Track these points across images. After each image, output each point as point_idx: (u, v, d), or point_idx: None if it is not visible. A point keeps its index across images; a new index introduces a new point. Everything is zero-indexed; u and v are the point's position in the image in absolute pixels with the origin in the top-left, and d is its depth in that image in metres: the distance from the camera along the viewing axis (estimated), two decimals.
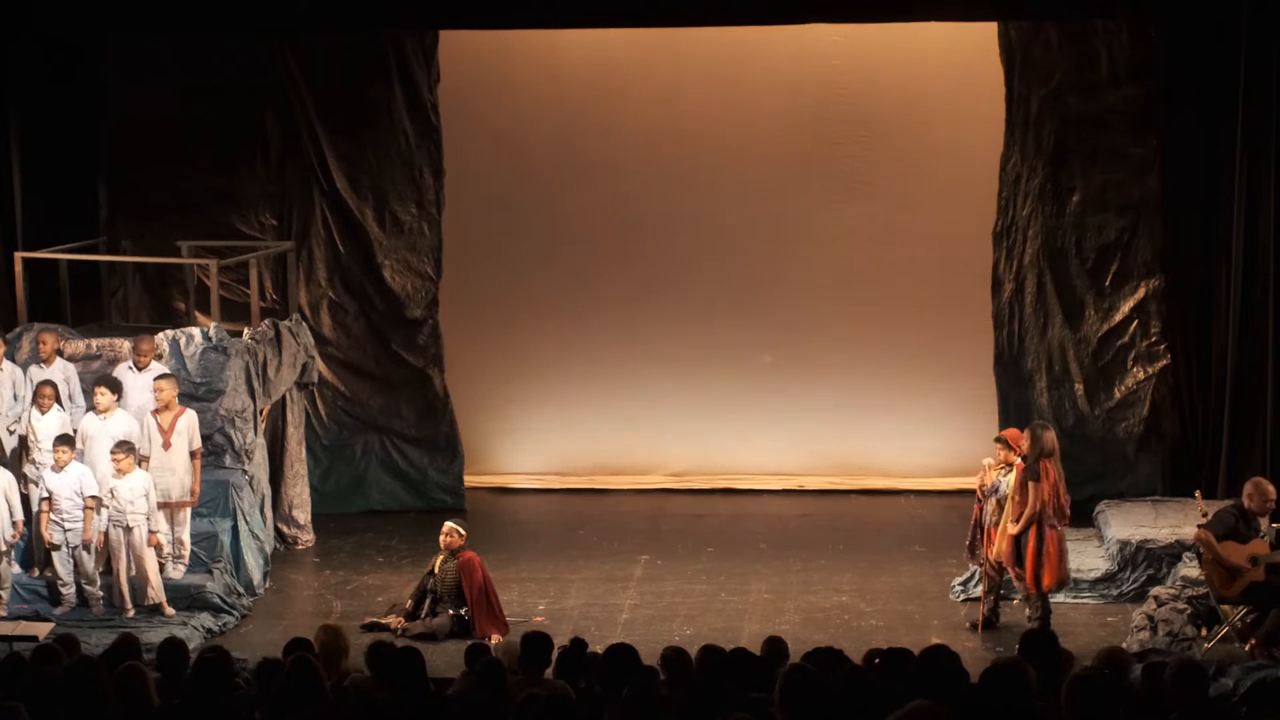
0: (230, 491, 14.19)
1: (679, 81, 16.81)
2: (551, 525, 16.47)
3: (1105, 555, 14.38)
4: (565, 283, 17.19)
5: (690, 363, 17.15)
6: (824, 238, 16.90)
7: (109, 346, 14.62)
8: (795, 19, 15.82)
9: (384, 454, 16.86)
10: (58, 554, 13.41)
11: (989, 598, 13.24)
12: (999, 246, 16.20)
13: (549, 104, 16.93)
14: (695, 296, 17.09)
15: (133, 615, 13.33)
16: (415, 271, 16.72)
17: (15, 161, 15.83)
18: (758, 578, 14.62)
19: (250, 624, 13.74)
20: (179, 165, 16.49)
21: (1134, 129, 15.82)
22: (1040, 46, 15.84)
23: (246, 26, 15.87)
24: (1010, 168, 16.06)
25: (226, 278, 15.87)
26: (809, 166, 16.80)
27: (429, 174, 16.58)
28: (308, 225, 16.63)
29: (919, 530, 15.90)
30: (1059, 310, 16.14)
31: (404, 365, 16.84)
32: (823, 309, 17.03)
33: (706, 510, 16.76)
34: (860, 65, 16.59)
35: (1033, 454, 12.71)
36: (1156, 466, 16.01)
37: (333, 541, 15.82)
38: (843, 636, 12.66)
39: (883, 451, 17.14)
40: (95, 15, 15.52)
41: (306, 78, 16.39)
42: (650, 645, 10.34)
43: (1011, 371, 16.27)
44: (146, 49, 16.40)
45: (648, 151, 16.91)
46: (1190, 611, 12.94)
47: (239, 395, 14.44)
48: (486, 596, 13.23)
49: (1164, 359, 16.02)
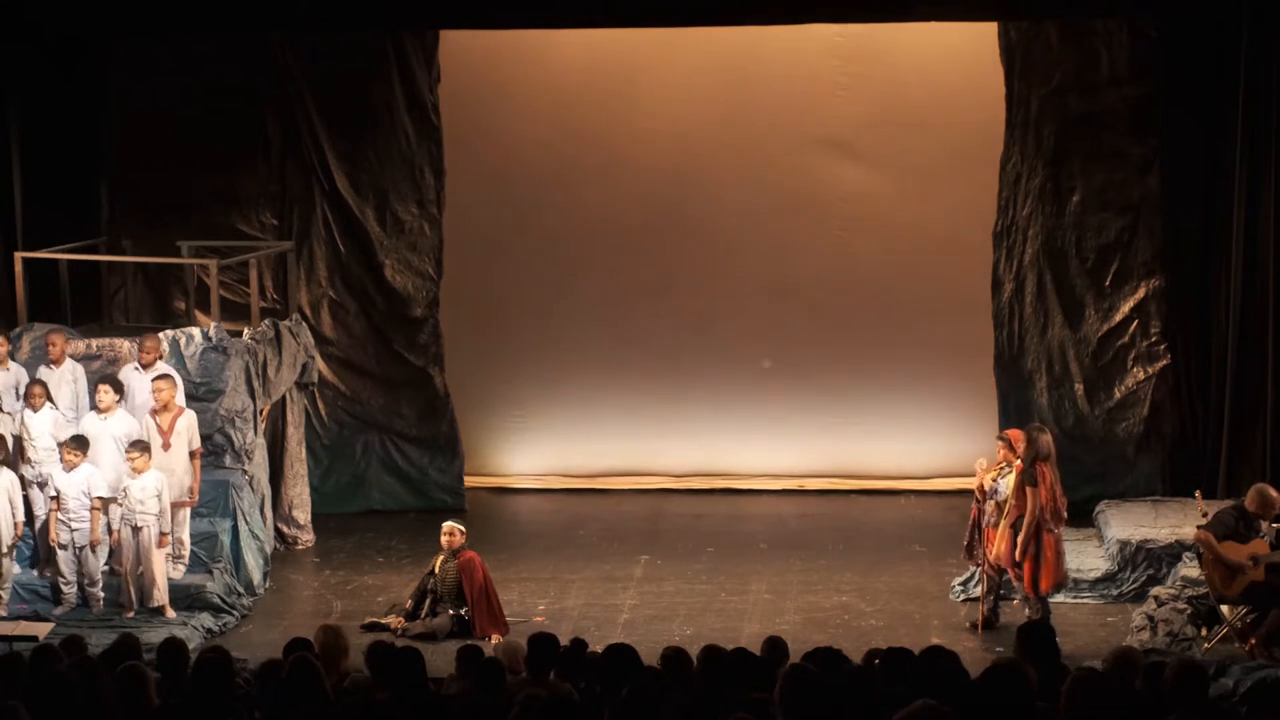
0: (230, 491, 14.19)
1: (679, 81, 16.81)
2: (551, 525, 16.47)
3: (1105, 555, 14.38)
4: (566, 283, 17.19)
5: (690, 362, 17.16)
6: (824, 237, 16.90)
7: (109, 346, 14.62)
8: (795, 19, 15.83)
9: (384, 454, 16.86)
10: (63, 553, 13.42)
11: (989, 598, 13.24)
12: (999, 246, 16.20)
13: (549, 104, 16.93)
14: (695, 296, 17.09)
15: (133, 615, 13.33)
16: (416, 271, 16.73)
17: (15, 161, 15.84)
18: (758, 578, 14.62)
19: (250, 624, 13.74)
20: (179, 165, 16.48)
21: (1134, 129, 15.83)
22: (1040, 46, 15.84)
23: (246, 26, 15.88)
24: (1010, 168, 16.06)
25: (227, 278, 15.88)
26: (809, 166, 16.79)
27: (429, 173, 16.58)
28: (308, 225, 16.63)
29: (919, 530, 15.91)
30: (1059, 310, 16.14)
31: (404, 365, 16.84)
32: (823, 309, 17.03)
33: (706, 510, 16.76)
34: (860, 65, 16.60)
35: (1028, 457, 12.69)
36: (1156, 466, 16.01)
37: (333, 541, 15.82)
38: (843, 636, 12.66)
39: (883, 451, 17.14)
40: (96, 15, 15.53)
41: (306, 78, 16.39)
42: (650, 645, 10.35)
43: (1011, 371, 16.27)
44: (147, 49, 16.40)
45: (648, 152, 16.92)
46: (1190, 611, 12.94)
47: (239, 395, 14.44)
48: (487, 596, 13.24)
49: (1164, 359, 16.03)
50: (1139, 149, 15.86)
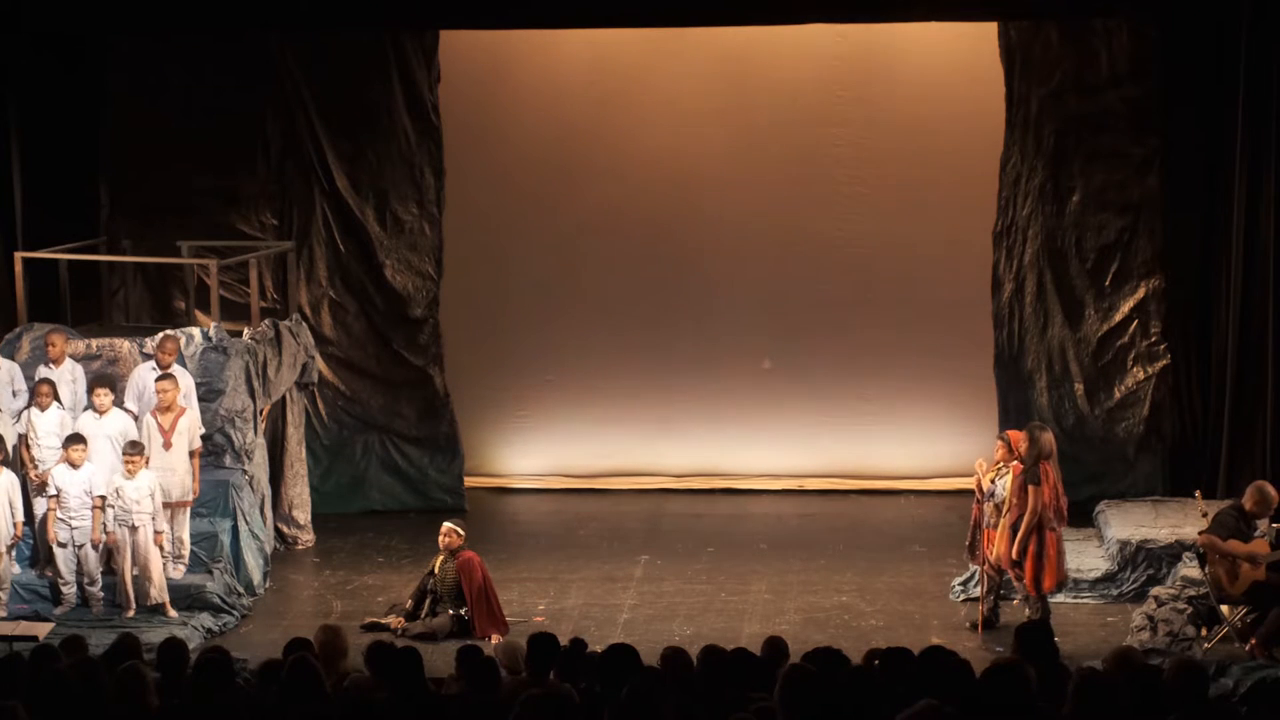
0: (230, 491, 14.19)
1: (679, 82, 16.81)
2: (551, 525, 16.46)
3: (1105, 555, 14.38)
4: (566, 283, 17.19)
5: (690, 362, 17.15)
6: (823, 238, 16.89)
7: (109, 346, 14.61)
8: (795, 19, 15.82)
9: (384, 454, 16.86)
10: (62, 552, 13.42)
11: (989, 598, 13.24)
12: (999, 246, 16.20)
13: (549, 104, 16.93)
14: (695, 296, 17.09)
15: (133, 615, 13.33)
16: (416, 271, 16.73)
17: (15, 161, 15.83)
18: (758, 578, 14.62)
19: (250, 624, 13.74)
20: (179, 165, 16.48)
21: (1134, 129, 15.83)
22: (1040, 46, 15.84)
23: (246, 26, 15.87)
24: (1010, 168, 16.06)
25: (227, 277, 15.87)
26: (809, 166, 16.79)
27: (429, 173, 16.58)
28: (308, 225, 16.63)
29: (919, 530, 15.91)
30: (1059, 310, 16.14)
31: (404, 365, 16.84)
32: (823, 309, 17.02)
33: (706, 510, 16.76)
34: (860, 65, 16.60)
35: (1030, 456, 12.69)
36: (1156, 466, 16.01)
37: (333, 541, 15.82)
38: (843, 636, 12.66)
39: (883, 451, 17.13)
40: (96, 15, 15.53)
41: (306, 78, 16.39)
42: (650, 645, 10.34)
43: (1011, 371, 16.27)
44: (147, 49, 16.39)
45: (648, 152, 16.92)
46: (1190, 611, 12.94)
47: (239, 395, 14.44)
48: (486, 596, 13.23)
49: (1164, 359, 16.03)
50: (1139, 149, 15.86)
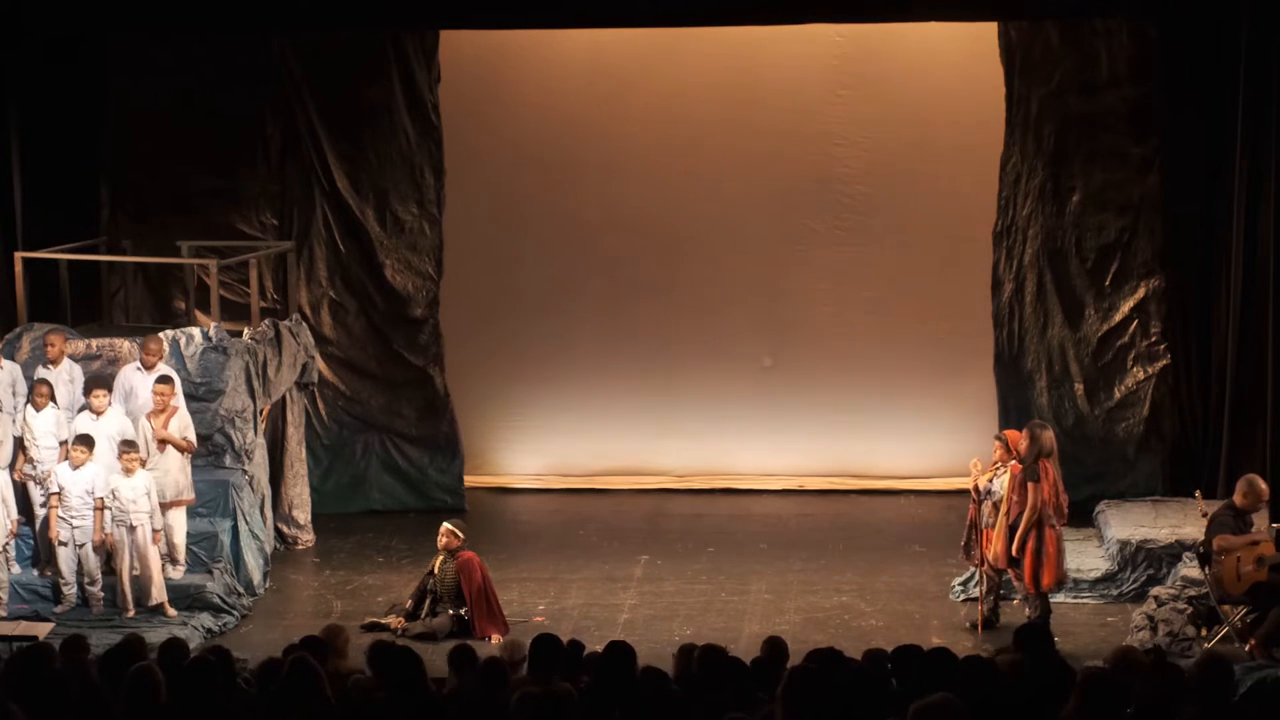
0: (230, 491, 14.19)
1: (679, 81, 16.82)
2: (551, 525, 16.46)
3: (1105, 555, 14.38)
4: (566, 283, 17.19)
5: (690, 362, 17.16)
6: (823, 237, 16.90)
7: (109, 346, 14.61)
8: (795, 19, 15.82)
9: (384, 453, 16.86)
10: (63, 551, 13.42)
11: (988, 598, 13.24)
12: (999, 246, 16.20)
13: (549, 104, 16.93)
14: (695, 296, 17.09)
15: (133, 615, 13.33)
16: (416, 271, 16.73)
17: (15, 161, 15.83)
18: (758, 578, 14.62)
19: (250, 624, 13.74)
20: (179, 165, 16.49)
21: (1134, 129, 15.83)
22: (1040, 46, 15.84)
23: (246, 26, 15.87)
24: (1010, 168, 16.06)
25: (227, 277, 15.88)
26: (808, 166, 16.79)
27: (429, 173, 16.58)
28: (308, 225, 16.64)
29: (919, 530, 15.90)
30: (1059, 310, 16.14)
31: (404, 365, 16.84)
32: (823, 308, 17.03)
33: (706, 510, 16.76)
34: (860, 65, 16.60)
35: (1031, 454, 12.70)
36: (1156, 466, 16.01)
37: (333, 541, 15.82)
38: (843, 636, 12.67)
39: (883, 451, 17.14)
40: (95, 15, 15.53)
41: (306, 78, 16.39)
42: (650, 645, 10.37)
43: (1011, 371, 16.27)
44: (147, 49, 16.40)
45: (648, 151, 16.92)
46: (1190, 611, 12.94)
47: (239, 395, 14.44)
48: (486, 596, 13.23)
49: (1164, 359, 16.03)
50: (1139, 149, 15.86)
